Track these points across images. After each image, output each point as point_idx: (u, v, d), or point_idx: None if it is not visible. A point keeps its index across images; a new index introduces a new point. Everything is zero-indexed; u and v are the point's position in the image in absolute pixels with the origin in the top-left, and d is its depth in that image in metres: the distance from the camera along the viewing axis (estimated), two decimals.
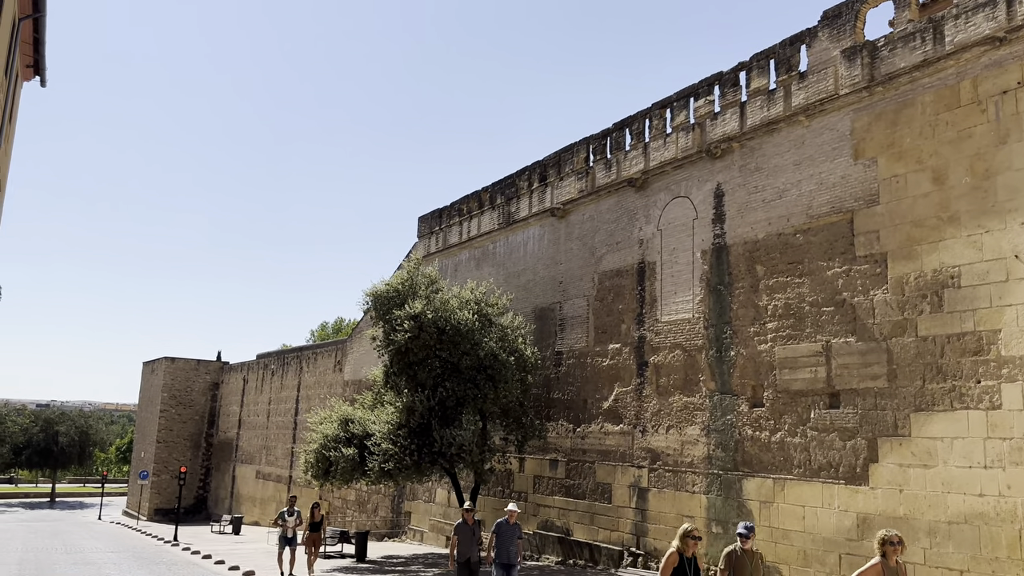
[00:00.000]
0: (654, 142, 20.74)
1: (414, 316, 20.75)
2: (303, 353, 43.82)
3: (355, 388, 36.14)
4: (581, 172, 23.43)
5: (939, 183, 14.18)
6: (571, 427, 22.46)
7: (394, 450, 19.63)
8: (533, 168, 25.90)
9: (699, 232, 19.05)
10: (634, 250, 21.06)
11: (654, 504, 19.22)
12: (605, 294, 21.90)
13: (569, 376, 22.88)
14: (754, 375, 17.14)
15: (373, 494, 33.49)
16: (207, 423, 55.93)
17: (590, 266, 22.65)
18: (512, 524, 13.80)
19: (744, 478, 17.00)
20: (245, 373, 52.12)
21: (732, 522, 17.06)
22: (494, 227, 27.54)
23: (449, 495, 27.94)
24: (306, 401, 42.10)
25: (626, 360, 20.79)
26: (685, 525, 9.36)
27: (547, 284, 24.48)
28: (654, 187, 20.69)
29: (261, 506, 45.68)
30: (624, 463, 20.35)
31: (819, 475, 15.47)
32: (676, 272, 19.55)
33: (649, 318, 20.21)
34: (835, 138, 16.15)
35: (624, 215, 21.61)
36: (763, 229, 17.41)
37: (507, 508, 14.11)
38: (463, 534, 14.05)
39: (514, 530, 13.77)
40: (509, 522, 13.84)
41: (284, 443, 43.92)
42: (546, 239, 24.86)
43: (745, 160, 18.11)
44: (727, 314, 17.97)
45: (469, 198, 29.51)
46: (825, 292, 15.87)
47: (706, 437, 18.05)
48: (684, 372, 18.90)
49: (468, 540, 13.98)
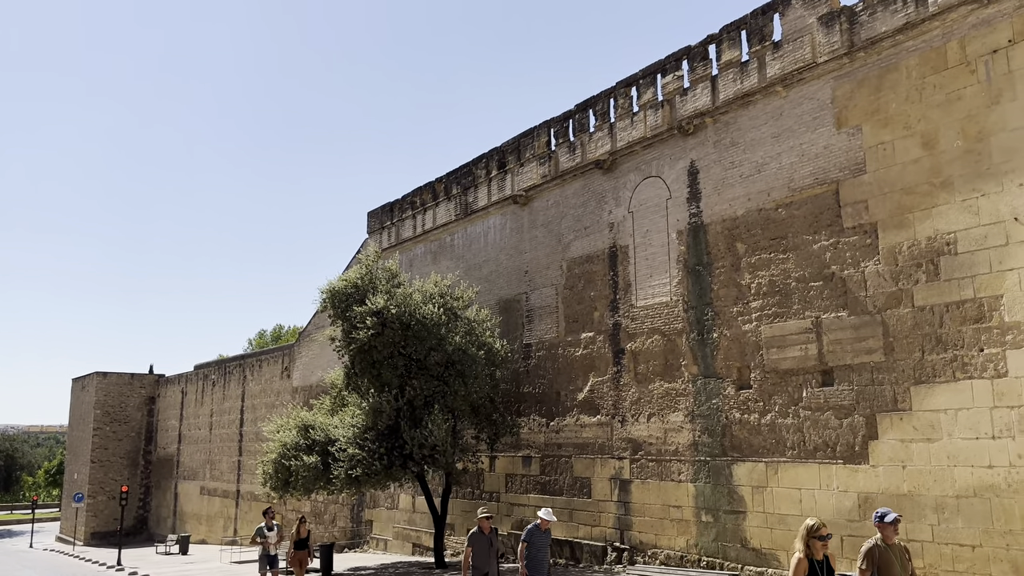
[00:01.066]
0: (620, 122, 20.03)
1: (376, 312, 19.58)
2: (246, 361, 41.93)
3: (306, 394, 34.61)
4: (543, 157, 22.58)
5: (929, 148, 13.77)
6: (544, 421, 21.59)
7: (361, 455, 18.43)
8: (491, 155, 24.95)
9: (674, 212, 18.39)
10: (604, 234, 20.30)
11: (638, 496, 18.49)
12: (575, 281, 21.10)
13: (540, 369, 22.01)
14: (739, 356, 16.55)
15: (331, 503, 32.05)
16: (144, 440, 53.27)
17: (557, 253, 21.83)
18: (545, 531, 12.37)
19: (734, 463, 16.39)
20: (183, 385, 49.77)
21: (723, 510, 16.45)
22: (451, 218, 26.50)
23: (414, 500, 26.79)
24: (251, 411, 40.28)
25: (601, 349, 20.02)
26: (809, 521, 7.50)
27: (511, 275, 23.56)
28: (623, 168, 19.97)
29: (208, 523, 43.56)
30: (603, 455, 19.57)
31: (815, 456, 14.94)
32: (651, 255, 18.86)
33: (624, 304, 19.48)
34: (816, 107, 15.66)
35: (592, 199, 20.85)
36: (742, 205, 16.83)
37: (539, 513, 12.57)
38: (479, 545, 12.41)
39: (548, 538, 12.42)
40: (542, 529, 12.37)
41: (230, 456, 41.95)
42: (508, 228, 23.94)
43: (720, 135, 17.52)
44: (708, 295, 17.35)
45: (422, 190, 28.39)
46: (812, 267, 15.36)
47: (691, 423, 17.40)
48: (664, 357, 18.22)
49: (485, 552, 12.35)
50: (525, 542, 12.23)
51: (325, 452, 19.85)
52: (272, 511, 17.48)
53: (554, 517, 12.55)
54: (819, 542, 7.32)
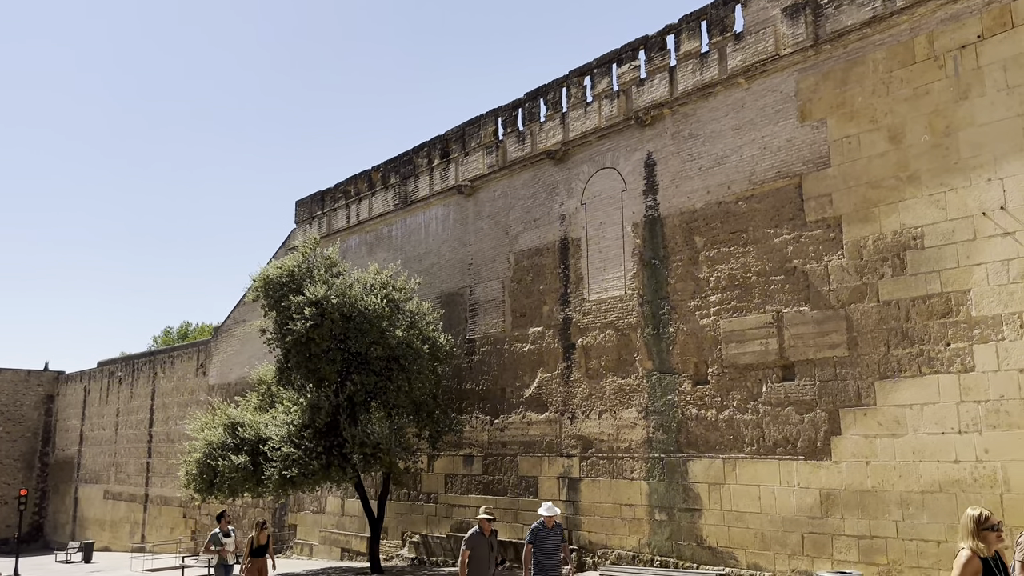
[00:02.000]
0: (573, 111, 19.53)
1: (315, 302, 18.46)
2: (157, 357, 39.62)
3: (224, 392, 32.81)
4: (490, 146, 21.88)
5: (896, 142, 13.73)
6: (488, 419, 20.86)
7: (297, 454, 17.28)
8: (433, 144, 24.08)
9: (629, 204, 17.99)
10: (555, 227, 19.75)
11: (588, 495, 17.98)
12: (523, 275, 20.47)
13: (484, 364, 21.27)
14: (696, 351, 16.24)
15: (250, 507, 30.43)
16: (41, 441, 49.80)
17: (504, 246, 21.15)
18: (551, 528, 11.36)
19: (689, 460, 16.06)
20: (86, 383, 46.77)
21: (678, 508, 16.09)
22: (389, 209, 25.49)
23: (343, 503, 25.62)
24: (162, 410, 38.06)
25: (550, 344, 19.44)
26: (973, 511, 6.04)
27: (454, 267, 22.75)
28: (576, 159, 19.46)
29: (112, 529, 40.94)
30: (551, 453, 18.98)
31: (775, 452, 14.72)
32: (604, 248, 18.40)
33: (575, 298, 18.96)
34: (779, 100, 15.49)
35: (542, 190, 20.26)
36: (701, 198, 16.54)
37: (540, 511, 11.51)
38: (478, 548, 11.19)
39: (555, 535, 11.39)
40: (547, 526, 11.35)
41: (138, 458, 39.53)
42: (451, 219, 23.11)
43: (678, 127, 17.21)
44: (664, 289, 16.99)
45: (357, 178, 27.26)
46: (773, 260, 15.16)
47: (644, 420, 17.00)
48: (617, 352, 17.77)
49: (485, 556, 11.25)
50: (530, 543, 11.19)
51: (255, 452, 18.58)
52: (228, 515, 15.77)
53: (557, 510, 11.55)
54: (992, 534, 5.93)
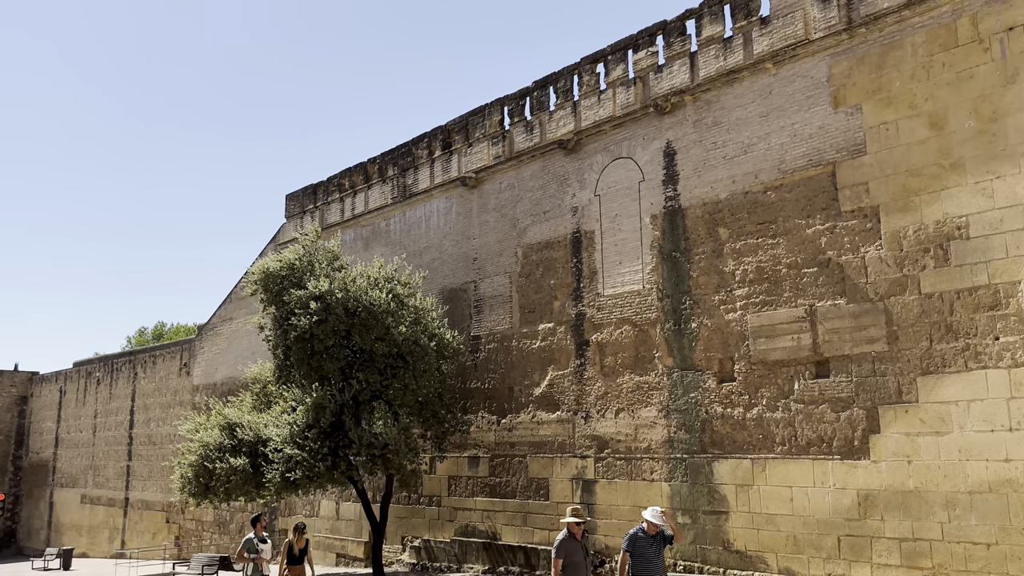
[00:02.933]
0: (586, 100, 18.84)
1: (319, 296, 17.60)
2: (138, 357, 38.36)
3: (209, 392, 31.73)
4: (496, 136, 21.13)
5: (937, 128, 13.20)
6: (494, 419, 20.10)
7: (301, 455, 16.40)
8: (434, 134, 23.28)
9: (647, 195, 17.33)
10: (567, 219, 19.04)
11: (603, 497, 17.29)
12: (532, 269, 19.74)
13: (490, 363, 20.51)
14: (722, 347, 15.61)
15: (237, 512, 29.40)
16: (14, 444, 48.18)
17: (512, 239, 20.41)
18: (654, 535, 10.21)
19: (715, 460, 15.42)
20: (62, 384, 45.28)
21: (703, 510, 15.45)
22: (386, 202, 24.63)
23: (338, 507, 24.71)
24: (143, 411, 36.83)
25: (561, 340, 18.73)
26: None
27: (457, 262, 21.96)
28: (588, 149, 18.78)
29: (90, 535, 39.58)
30: (564, 454, 18.27)
31: (808, 452, 14.12)
32: (620, 240, 17.73)
33: (589, 293, 18.27)
34: (809, 86, 14.92)
35: (552, 181, 19.56)
36: (726, 188, 15.93)
37: (645, 514, 10.37)
38: (573, 553, 9.98)
39: (657, 544, 10.24)
40: (648, 533, 10.23)
41: (117, 461, 38.24)
42: (454, 212, 22.33)
43: (700, 114, 16.59)
44: (686, 283, 16.35)
45: (352, 171, 26.36)
46: (806, 252, 14.58)
47: (665, 419, 16.34)
48: (635, 349, 17.10)
49: (581, 562, 10.09)
50: (627, 551, 10.16)
51: (254, 453, 17.68)
52: (263, 518, 13.97)
53: (663, 518, 10.32)
54: None
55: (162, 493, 34.02)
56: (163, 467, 34.33)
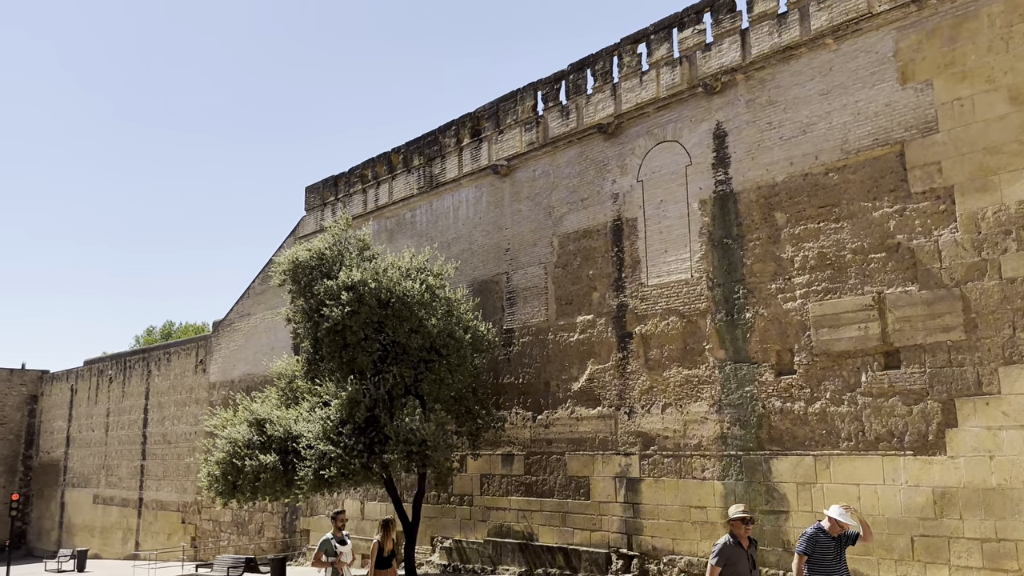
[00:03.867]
0: (626, 81, 18.07)
1: (351, 286, 16.85)
2: (151, 354, 37.66)
3: (227, 390, 31.01)
4: (529, 122, 20.36)
5: (1018, 103, 12.41)
6: (530, 415, 19.33)
7: (336, 452, 15.64)
8: (462, 122, 22.52)
9: (695, 180, 16.55)
10: (606, 206, 18.27)
11: (650, 496, 16.51)
12: (569, 259, 18.97)
13: (524, 357, 19.74)
14: (779, 338, 14.83)
15: (256, 512, 28.65)
16: (25, 443, 47.51)
17: (547, 229, 19.63)
18: (837, 536, 9.01)
19: (773, 458, 14.64)
20: (73, 382, 44.59)
21: (760, 510, 14.66)
22: (412, 192, 23.88)
23: (363, 506, 23.97)
24: (158, 409, 36.11)
25: (602, 333, 17.95)
26: None
27: (488, 253, 21.20)
28: (630, 133, 18.00)
29: (102, 536, 38.87)
30: (606, 451, 17.50)
31: (877, 447, 13.33)
32: (666, 228, 16.95)
33: (631, 283, 17.49)
34: (874, 61, 14.13)
35: (591, 167, 18.78)
36: (783, 170, 15.14)
37: (831, 513, 9.07)
38: (736, 563, 8.68)
39: (839, 545, 9.05)
40: (830, 533, 8.95)
41: (131, 461, 37.53)
42: (484, 202, 21.57)
43: (753, 94, 15.80)
44: (739, 271, 15.57)
45: (376, 161, 25.62)
46: (872, 236, 13.78)
47: (717, 414, 15.56)
48: (683, 341, 16.32)
49: (746, 573, 8.77)
50: (804, 554, 9.00)
51: (284, 450, 16.92)
52: (343, 515, 12.19)
53: (851, 515, 9.01)
54: None
55: (177, 493, 33.32)
56: (179, 466, 33.63)
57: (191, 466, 32.76)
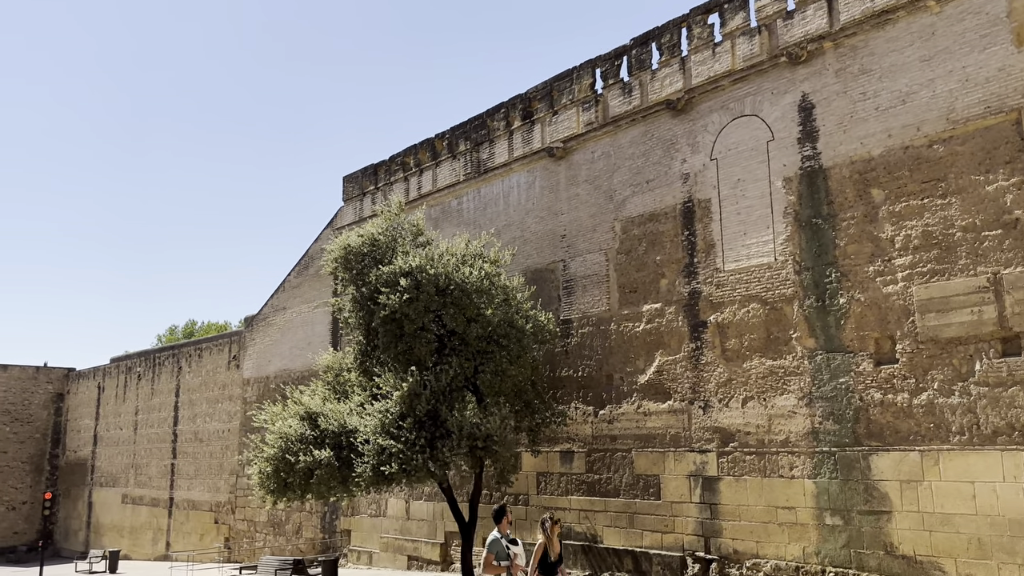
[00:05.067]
0: (697, 54, 16.99)
1: (408, 272, 15.87)
2: (182, 350, 36.90)
3: (261, 386, 30.17)
4: (587, 101, 19.31)
5: None
6: (591, 410, 18.29)
7: (397, 447, 14.66)
8: (512, 104, 21.51)
9: (778, 156, 15.45)
10: (675, 187, 17.20)
11: (730, 496, 15.42)
12: (633, 245, 17.91)
13: (584, 348, 18.69)
14: (879, 325, 13.71)
15: (293, 512, 27.75)
16: (51, 442, 46.93)
17: (607, 213, 18.58)
18: None
19: (872, 454, 13.52)
20: (100, 380, 43.94)
21: (857, 510, 13.55)
22: (458, 179, 22.90)
23: (408, 505, 23.01)
24: (188, 407, 35.33)
25: (671, 322, 16.88)
26: None
27: (543, 240, 20.17)
28: (701, 108, 16.92)
29: (132, 536, 38.16)
30: (678, 448, 16.43)
31: (994, 441, 12.20)
32: (745, 208, 15.86)
33: (705, 268, 16.41)
34: (984, 23, 12.99)
35: (657, 147, 17.72)
36: (879, 143, 14.02)
37: None
38: None
39: None
40: None
41: (160, 459, 36.78)
42: (537, 187, 20.54)
43: (843, 62, 14.68)
44: (830, 253, 14.46)
45: (418, 148, 24.66)
46: (986, 212, 12.65)
47: (807, 407, 14.45)
48: (765, 329, 15.23)
49: None
50: None
51: (339, 446, 15.97)
52: (510, 513, 10.34)
53: None
54: None
55: (210, 492, 32.50)
56: (211, 465, 32.84)
57: (224, 464, 31.96)
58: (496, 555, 9.52)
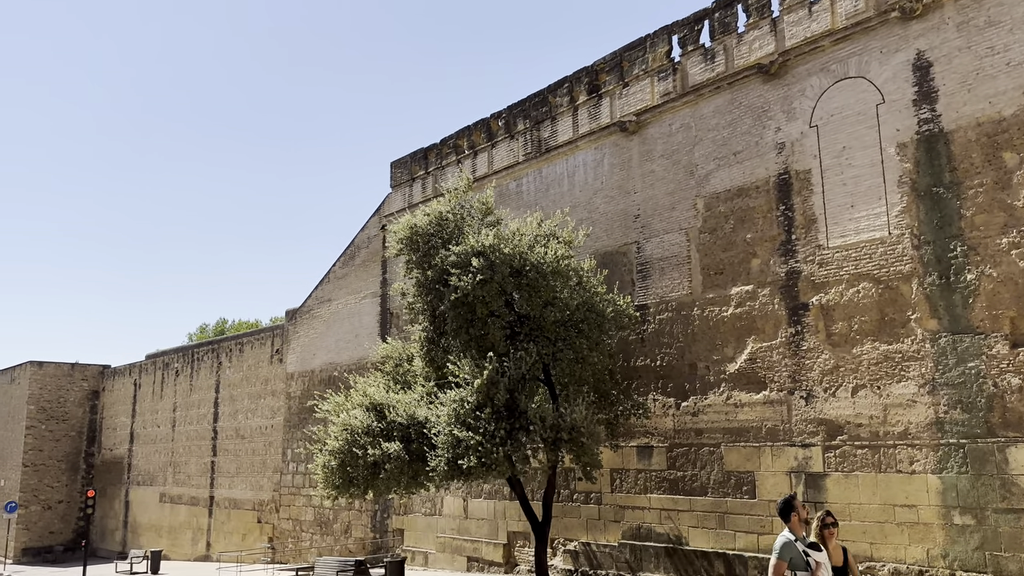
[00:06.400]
0: (790, 14, 15.63)
1: (481, 252, 14.67)
2: (222, 345, 36.02)
3: (306, 381, 29.14)
4: (663, 71, 18.01)
5: None
6: (671, 402, 16.98)
7: (475, 439, 13.45)
8: (577, 77, 20.25)
9: (890, 120, 14.06)
10: (768, 158, 15.85)
11: (838, 494, 14.05)
12: (718, 223, 16.58)
13: (662, 336, 17.39)
14: (1015, 302, 12.29)
15: (342, 511, 26.67)
16: (86, 440, 46.35)
17: (688, 190, 17.27)
18: None
19: (1010, 446, 12.11)
20: (136, 376, 43.25)
21: (993, 508, 12.14)
22: (517, 160, 21.67)
23: (466, 504, 21.82)
24: (229, 403, 34.42)
25: (766, 305, 15.53)
26: None
27: (613, 221, 18.89)
28: (797, 72, 15.56)
29: (170, 536, 37.34)
30: (776, 442, 15.08)
31: None
32: (852, 179, 14.48)
33: (805, 245, 15.05)
34: None
35: (745, 115, 16.38)
36: (1012, 102, 12.60)
37: None
38: None
39: None
40: None
41: (200, 457, 35.92)
42: (606, 164, 19.26)
43: (965, 15, 13.28)
44: (954, 224, 13.05)
45: (472, 129, 23.48)
46: None
47: (930, 395, 13.05)
48: (879, 311, 13.84)
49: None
50: None
51: (408, 438, 14.81)
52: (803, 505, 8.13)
53: None
54: None
55: (253, 490, 31.54)
56: (254, 462, 31.88)
57: (267, 461, 30.99)
58: (790, 563, 7.49)
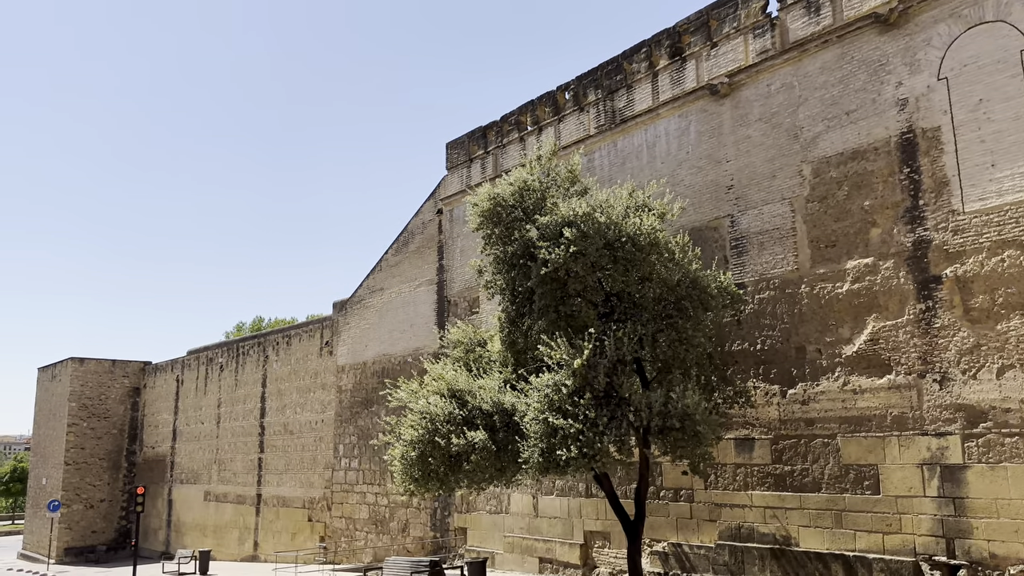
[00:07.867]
0: None
1: (572, 222, 13.24)
2: (268, 338, 34.98)
3: (358, 374, 27.94)
4: (758, 27, 16.48)
5: None
6: (776, 389, 15.44)
7: (576, 427, 12.03)
8: (656, 41, 18.76)
9: None
10: (888, 116, 14.26)
11: (981, 488, 12.44)
12: (829, 190, 15.02)
13: (763, 316, 15.86)
14: None
15: (398, 508, 25.42)
16: (128, 438, 45.65)
17: (791, 155, 15.72)
18: None
19: None
20: (178, 372, 42.42)
21: None
22: (588, 132, 20.24)
23: (536, 501, 20.43)
24: (277, 398, 33.35)
25: (889, 280, 13.95)
26: None
27: (702, 194, 17.38)
28: (921, 20, 13.96)
29: (216, 535, 36.38)
30: (904, 432, 13.49)
31: None
32: (992, 134, 12.86)
33: (935, 211, 13.45)
34: None
35: (858, 70, 14.79)
36: None
37: None
38: None
39: None
40: None
41: (246, 454, 34.91)
42: (692, 132, 17.75)
43: None
44: None
45: (536, 103, 22.09)
46: None
47: None
48: None
49: None
50: None
51: (493, 427, 13.44)
52: None
53: None
54: None
55: (303, 488, 30.42)
56: (303, 458, 30.76)
57: (318, 458, 29.86)
58: None
